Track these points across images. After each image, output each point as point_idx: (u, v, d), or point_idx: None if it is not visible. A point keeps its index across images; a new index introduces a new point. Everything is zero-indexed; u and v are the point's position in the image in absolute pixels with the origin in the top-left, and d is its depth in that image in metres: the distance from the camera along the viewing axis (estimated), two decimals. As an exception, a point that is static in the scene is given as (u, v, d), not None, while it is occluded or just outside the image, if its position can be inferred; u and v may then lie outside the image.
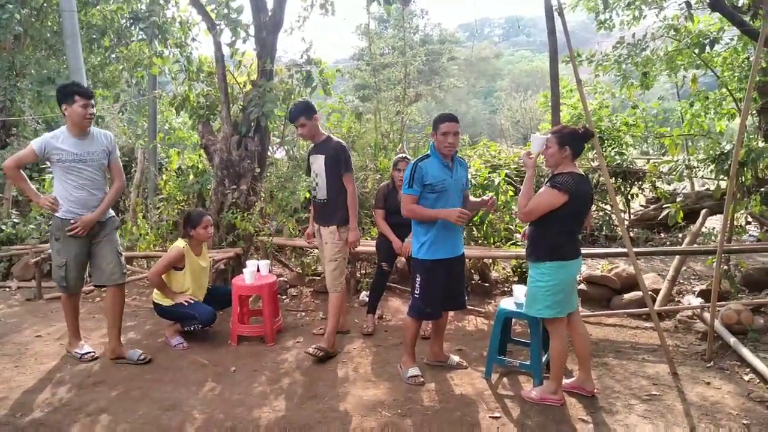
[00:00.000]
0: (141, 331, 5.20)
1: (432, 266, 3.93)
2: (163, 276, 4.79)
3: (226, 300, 5.04)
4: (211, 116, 7.44)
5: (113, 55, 12.62)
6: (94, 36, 12.20)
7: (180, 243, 4.86)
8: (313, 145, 4.71)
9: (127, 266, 7.00)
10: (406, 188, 3.90)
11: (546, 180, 3.66)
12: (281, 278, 6.55)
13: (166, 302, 4.77)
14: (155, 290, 4.86)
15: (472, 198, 4.21)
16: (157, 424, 3.45)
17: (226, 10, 6.81)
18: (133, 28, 10.12)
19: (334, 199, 4.53)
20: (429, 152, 3.95)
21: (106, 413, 3.59)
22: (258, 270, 5.05)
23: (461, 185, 3.98)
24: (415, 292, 4.01)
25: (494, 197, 4.20)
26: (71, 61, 11.39)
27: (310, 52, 7.29)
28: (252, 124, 6.97)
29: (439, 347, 4.33)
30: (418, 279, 3.99)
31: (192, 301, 4.73)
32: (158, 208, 7.80)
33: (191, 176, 7.68)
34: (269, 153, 7.73)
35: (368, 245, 6.10)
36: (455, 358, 4.33)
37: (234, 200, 6.84)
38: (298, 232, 7.02)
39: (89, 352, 4.52)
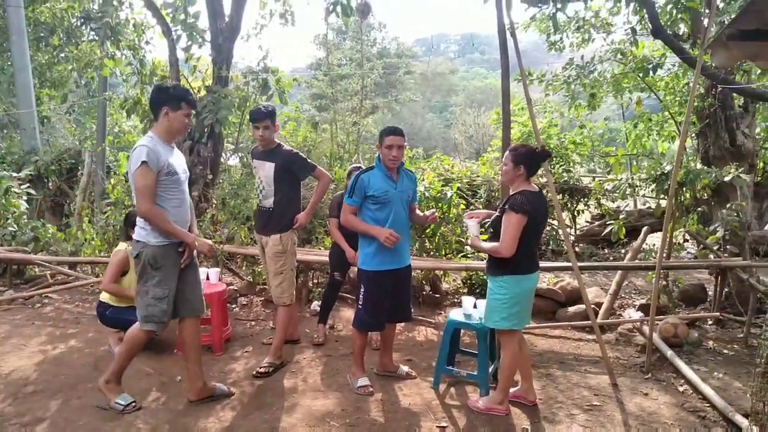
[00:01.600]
0: (84, 338, 5.03)
1: (375, 277, 3.95)
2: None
3: None
4: (164, 121, 7.31)
5: (62, 55, 12.26)
6: (42, 34, 11.85)
7: (122, 246, 4.74)
8: (260, 150, 4.55)
9: (71, 272, 6.82)
10: (346, 197, 3.97)
11: (502, 203, 3.70)
12: (231, 287, 6.47)
13: (122, 304, 4.62)
14: (104, 293, 4.72)
15: (417, 212, 4.25)
16: (97, 435, 3.35)
17: (183, 15, 6.74)
18: (84, 27, 9.90)
19: (280, 207, 4.42)
20: (375, 164, 3.99)
21: (44, 423, 3.47)
22: (207, 278, 4.97)
23: (407, 197, 4.01)
24: (359, 303, 4.04)
25: (436, 213, 4.27)
26: (16, 58, 11.04)
27: (267, 60, 7.29)
28: (206, 130, 6.90)
29: (389, 358, 4.36)
30: (362, 290, 4.01)
31: None
32: (105, 212, 7.58)
33: (141, 181, 7.50)
34: (222, 160, 7.65)
35: (321, 255, 6.11)
36: (404, 369, 4.36)
37: (185, 207, 6.72)
38: (250, 240, 6.95)
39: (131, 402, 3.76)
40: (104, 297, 4.74)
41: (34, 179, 9.41)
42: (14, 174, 8.05)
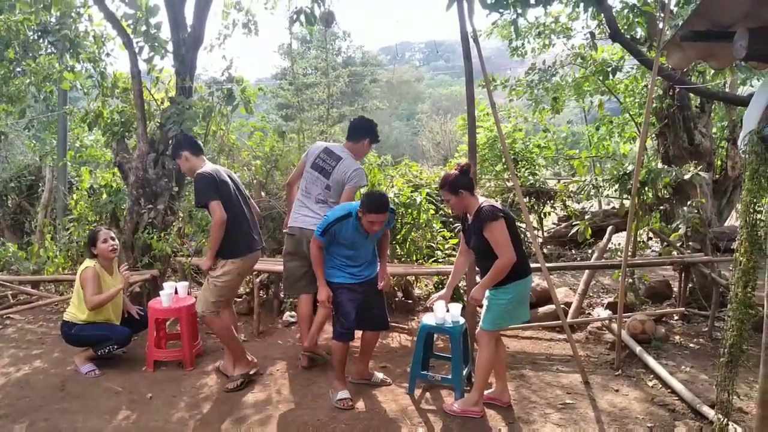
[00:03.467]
0: (49, 359, 4.89)
1: (340, 288, 4.00)
2: (78, 300, 4.56)
3: (142, 323, 4.84)
4: (127, 133, 7.19)
5: (18, 69, 11.93)
6: (-3, 48, 11.52)
7: (89, 262, 4.63)
8: None
9: (34, 291, 6.63)
10: (317, 233, 3.93)
11: (474, 223, 3.71)
12: (201, 300, 6.36)
13: (89, 320, 4.50)
14: (69, 311, 4.59)
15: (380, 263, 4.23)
16: (65, 457, 3.26)
17: (144, 27, 6.64)
18: (41, 40, 9.65)
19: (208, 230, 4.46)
20: (351, 212, 3.88)
21: (8, 448, 3.36)
22: (176, 292, 4.88)
23: (376, 237, 4.04)
24: (333, 314, 4.08)
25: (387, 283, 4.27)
26: (-29, 73, 10.69)
27: (232, 69, 7.22)
28: (170, 141, 6.78)
29: (364, 365, 4.34)
30: (333, 300, 4.03)
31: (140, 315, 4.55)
32: (68, 229, 7.40)
33: (104, 195, 7.36)
34: (188, 171, 7.54)
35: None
36: (379, 376, 4.35)
37: (150, 220, 6.60)
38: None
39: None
40: (67, 316, 4.61)
41: (-7, 197, 9.15)
42: (-29, 192, 7.81)
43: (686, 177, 6.04)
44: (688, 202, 6.12)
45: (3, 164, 11.00)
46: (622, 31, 6.28)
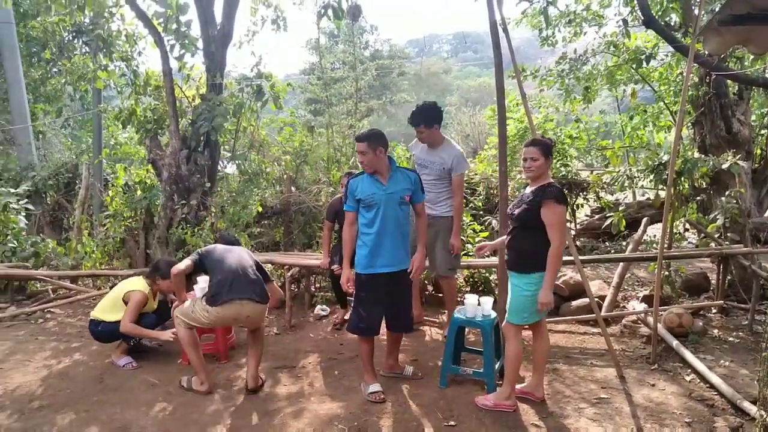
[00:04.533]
0: (88, 352, 5.02)
1: (367, 280, 3.96)
2: (113, 307, 4.66)
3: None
4: (159, 130, 7.32)
5: (55, 69, 12.26)
6: (35, 49, 11.85)
7: (143, 286, 4.68)
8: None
9: (73, 286, 6.80)
10: (345, 205, 4.04)
11: (532, 194, 3.60)
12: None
13: (114, 319, 4.59)
14: (99, 312, 4.69)
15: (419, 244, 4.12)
16: (105, 448, 3.34)
17: (174, 24, 6.74)
18: (76, 41, 9.89)
19: None
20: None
21: (51, 438, 3.46)
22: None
23: (399, 198, 3.93)
24: (353, 306, 4.07)
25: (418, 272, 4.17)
26: (9, 74, 11.04)
27: (261, 66, 7.28)
28: (201, 138, 6.89)
29: (394, 360, 4.34)
30: (357, 293, 4.03)
31: (173, 338, 4.35)
32: (104, 225, 7.57)
33: (139, 192, 7.51)
34: (219, 167, 7.65)
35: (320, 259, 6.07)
36: (410, 369, 4.35)
37: (184, 216, 6.72)
38: (251, 247, 6.94)
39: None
40: (95, 314, 4.72)
41: (32, 194, 9.40)
42: (12, 190, 8.04)
43: (724, 166, 5.88)
44: (727, 192, 5.95)
45: (42, 162, 11.31)
46: (656, 17, 6.12)
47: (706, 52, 4.66)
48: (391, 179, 3.95)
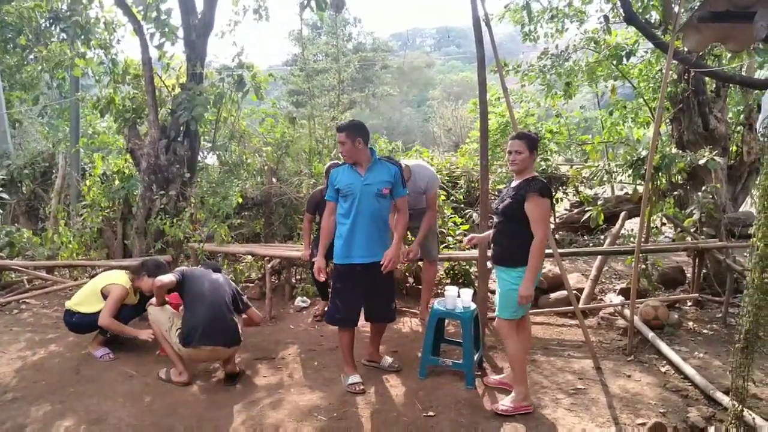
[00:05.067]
0: (64, 343, 4.94)
1: (343, 270, 4.00)
2: (92, 298, 4.60)
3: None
4: (138, 120, 7.22)
5: (31, 56, 12.00)
6: (10, 35, 11.57)
7: (124, 281, 4.63)
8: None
9: (49, 276, 6.70)
10: (326, 195, 4.15)
11: (517, 188, 3.58)
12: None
13: (89, 310, 4.54)
14: (75, 303, 4.63)
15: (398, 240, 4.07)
16: (81, 439, 3.31)
17: (154, 13, 6.64)
18: (53, 27, 9.68)
19: None
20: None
21: (25, 430, 3.41)
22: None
23: (376, 189, 3.93)
24: (331, 296, 4.13)
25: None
26: (-16, 60, 10.78)
27: (242, 56, 7.21)
28: (181, 128, 6.81)
29: (375, 349, 4.37)
30: (333, 283, 4.09)
31: (152, 338, 4.34)
32: (81, 215, 7.46)
33: (117, 181, 7.41)
34: (199, 158, 7.57)
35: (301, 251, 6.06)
36: (389, 360, 4.35)
37: (162, 206, 6.65)
38: (231, 239, 6.89)
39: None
40: (70, 305, 4.65)
41: (7, 183, 9.23)
42: (-14, 179, 7.89)
43: (701, 162, 5.97)
44: (703, 188, 6.05)
45: (17, 151, 11.09)
46: (637, 13, 6.18)
47: (686, 49, 4.71)
48: (369, 170, 3.96)
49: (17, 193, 9.55)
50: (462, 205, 8.16)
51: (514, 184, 3.66)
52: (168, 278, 4.06)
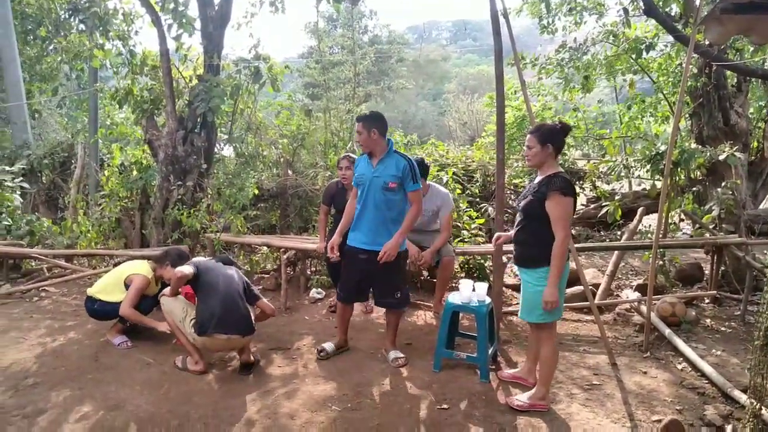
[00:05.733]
0: (83, 330, 5.02)
1: (348, 252, 4.24)
2: (114, 287, 4.66)
3: None
4: (156, 111, 7.28)
5: (51, 47, 12.14)
6: (30, 26, 11.72)
7: (146, 271, 4.69)
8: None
9: (68, 265, 6.80)
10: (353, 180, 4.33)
11: (539, 185, 3.46)
12: (229, 276, 6.44)
13: (110, 299, 4.60)
14: (97, 290, 4.69)
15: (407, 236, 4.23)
16: (100, 425, 3.35)
17: (172, 4, 6.67)
18: (72, 19, 9.78)
19: None
20: None
21: (45, 415, 3.47)
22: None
23: (382, 183, 4.04)
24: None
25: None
26: (5, 51, 10.94)
27: (259, 48, 7.23)
28: (198, 119, 6.85)
29: (389, 339, 4.42)
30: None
31: (169, 331, 4.38)
32: (100, 204, 7.55)
33: (135, 172, 7.48)
34: (216, 149, 7.62)
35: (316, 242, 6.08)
36: (393, 355, 4.31)
37: (180, 197, 6.71)
38: (247, 230, 6.94)
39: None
40: (92, 292, 4.72)
41: (27, 173, 9.35)
42: (7, 168, 7.99)
43: (721, 158, 5.90)
44: (723, 184, 5.98)
45: (37, 141, 11.23)
46: (657, 6, 6.10)
47: (707, 42, 4.65)
48: (381, 162, 4.09)
49: (37, 182, 9.68)
50: (477, 199, 8.13)
51: (536, 180, 3.55)
52: (188, 269, 4.10)
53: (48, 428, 3.31)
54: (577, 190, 9.49)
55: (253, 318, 4.19)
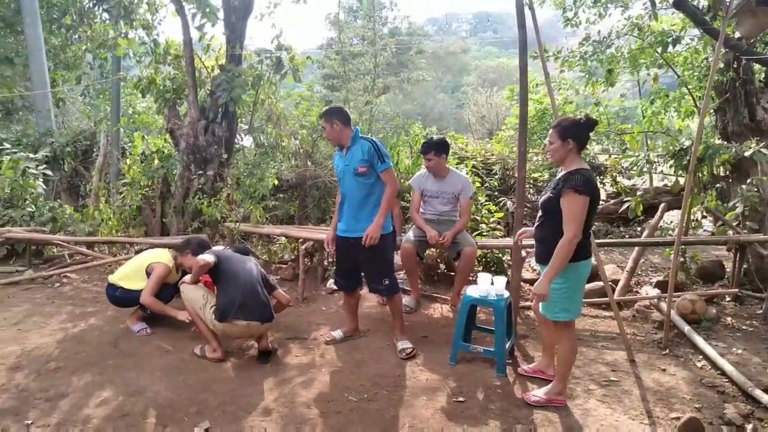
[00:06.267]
0: (103, 317, 5.10)
1: (338, 242, 4.40)
2: (135, 275, 4.73)
3: None
4: (178, 100, 7.33)
5: (75, 36, 12.27)
6: (55, 15, 11.85)
7: (167, 259, 4.76)
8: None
9: (89, 251, 6.90)
10: None
11: (559, 181, 3.39)
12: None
13: (132, 287, 4.66)
14: (118, 277, 4.76)
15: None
16: (120, 409, 3.41)
17: (195, -7, 6.70)
18: (96, 8, 9.87)
19: None
20: None
21: (67, 398, 3.53)
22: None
23: (353, 170, 4.17)
24: None
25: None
26: (30, 40, 11.09)
27: (281, 38, 7.24)
28: (220, 109, 6.89)
29: (398, 329, 4.47)
30: None
31: (189, 320, 4.44)
32: (121, 192, 7.64)
33: (156, 161, 7.55)
34: (237, 139, 7.65)
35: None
36: (401, 346, 4.31)
37: (200, 186, 6.76)
38: (266, 219, 6.97)
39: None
40: (114, 279, 4.79)
41: (50, 161, 9.49)
42: (30, 155, 8.11)
43: (746, 154, 5.77)
44: (748, 180, 5.87)
45: (60, 129, 11.38)
46: (685, -1, 5.98)
47: (737, 35, 4.55)
48: (349, 150, 4.24)
49: (60, 170, 9.82)
50: (496, 193, 8.08)
51: (558, 175, 3.48)
52: (210, 258, 4.15)
53: (69, 411, 3.38)
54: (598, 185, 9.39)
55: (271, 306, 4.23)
